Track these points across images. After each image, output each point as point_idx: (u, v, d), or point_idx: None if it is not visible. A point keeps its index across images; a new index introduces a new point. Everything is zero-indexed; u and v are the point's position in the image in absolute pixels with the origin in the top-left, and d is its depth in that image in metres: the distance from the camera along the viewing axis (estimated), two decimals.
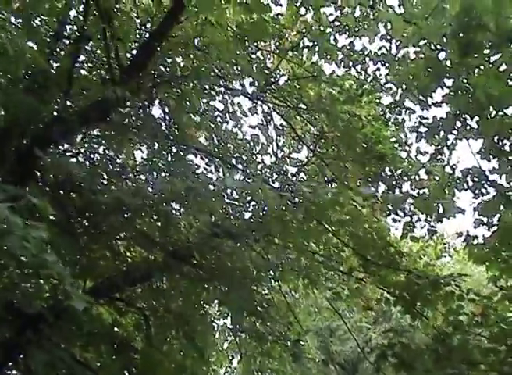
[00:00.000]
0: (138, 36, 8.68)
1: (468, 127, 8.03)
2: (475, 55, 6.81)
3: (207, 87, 8.66)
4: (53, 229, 7.21)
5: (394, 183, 8.67)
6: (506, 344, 7.24)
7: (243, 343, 10.55)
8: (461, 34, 6.37)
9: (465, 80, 7.45)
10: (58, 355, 6.26)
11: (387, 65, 8.69)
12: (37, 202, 3.77)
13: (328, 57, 9.23)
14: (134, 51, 8.44)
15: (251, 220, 7.94)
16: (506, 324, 7.88)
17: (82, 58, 8.63)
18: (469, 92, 7.63)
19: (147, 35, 8.33)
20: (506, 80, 7.21)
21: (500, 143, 7.91)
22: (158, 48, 8.06)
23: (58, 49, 8.25)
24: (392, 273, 8.03)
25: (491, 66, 7.27)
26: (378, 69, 8.83)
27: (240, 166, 8.76)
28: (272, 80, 9.40)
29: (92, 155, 7.75)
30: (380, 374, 7.20)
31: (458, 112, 7.84)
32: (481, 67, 7.44)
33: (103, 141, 7.93)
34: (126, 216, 6.70)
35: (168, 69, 8.58)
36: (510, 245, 8.42)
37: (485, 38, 6.32)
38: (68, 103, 7.75)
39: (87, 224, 7.17)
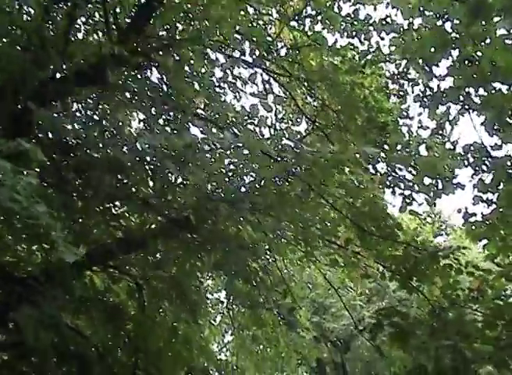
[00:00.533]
0: None
1: (472, 100, 7.93)
2: (483, 23, 6.67)
3: (206, 52, 8.47)
4: (47, 190, 7.12)
5: (395, 154, 8.51)
6: (503, 319, 7.15)
7: (236, 314, 10.46)
8: None
9: (471, 51, 7.32)
10: (48, 314, 6.12)
11: (391, 35, 8.49)
12: (29, 147, 3.62)
13: (332, 26, 9.06)
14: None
15: (248, 192, 7.82)
16: (502, 301, 7.81)
17: (79, 21, 8.45)
18: (474, 63, 7.50)
19: None
20: None
21: (505, 116, 7.80)
22: (157, 11, 7.88)
23: (55, 12, 8.08)
24: (390, 245, 7.91)
25: (498, 36, 7.15)
26: (382, 39, 8.65)
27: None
28: (273, 48, 9.22)
29: (87, 117, 7.55)
30: (375, 344, 7.06)
31: (463, 84, 7.72)
32: (488, 40, 7.32)
33: (99, 105, 7.74)
34: (120, 176, 6.53)
35: (167, 33, 8.38)
36: (508, 223, 8.34)
37: (496, 1, 6.15)
38: (64, 64, 7.56)
39: (81, 188, 7.00)
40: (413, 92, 8.79)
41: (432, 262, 7.54)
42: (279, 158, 7.76)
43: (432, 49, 7.50)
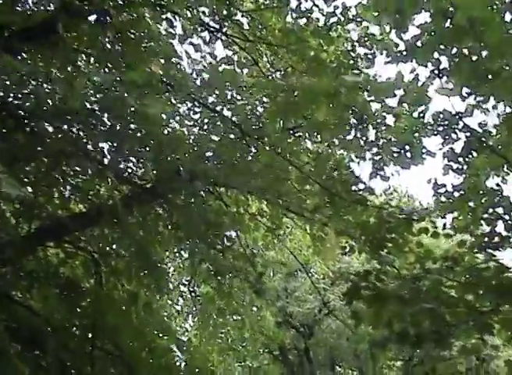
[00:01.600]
0: None
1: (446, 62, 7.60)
2: None
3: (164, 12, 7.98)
4: None
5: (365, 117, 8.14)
6: (481, 286, 6.84)
7: (200, 292, 10.01)
8: None
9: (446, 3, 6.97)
10: None
11: None
12: None
13: None
14: None
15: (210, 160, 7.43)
16: (476, 272, 7.53)
17: None
18: (448, 17, 7.17)
19: None
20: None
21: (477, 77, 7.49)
22: None
23: None
24: (362, 211, 7.51)
25: None
26: None
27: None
28: (234, 11, 8.77)
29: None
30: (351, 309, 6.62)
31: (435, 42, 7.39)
32: None
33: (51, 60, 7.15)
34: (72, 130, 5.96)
35: None
36: (478, 194, 8.08)
37: None
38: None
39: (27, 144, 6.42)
40: (381, 54, 8.43)
41: (407, 226, 7.17)
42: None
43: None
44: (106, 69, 7.31)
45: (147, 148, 6.15)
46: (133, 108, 5.16)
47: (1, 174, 3.22)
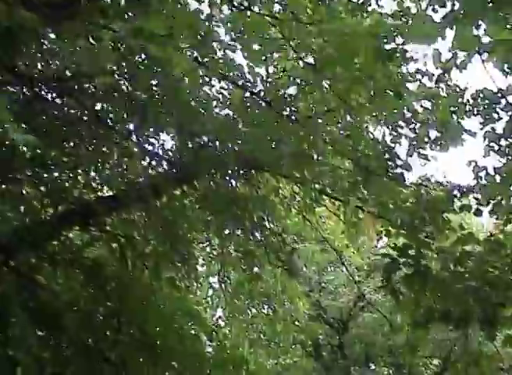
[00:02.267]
0: None
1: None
2: None
3: None
4: None
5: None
6: None
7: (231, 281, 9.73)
8: None
9: None
10: None
11: None
12: None
13: None
14: None
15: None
16: None
17: None
18: None
19: None
20: None
21: None
22: None
23: None
24: (399, 191, 7.14)
25: None
26: None
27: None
28: None
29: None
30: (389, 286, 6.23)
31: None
32: None
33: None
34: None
35: None
36: None
37: None
38: None
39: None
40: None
41: (448, 203, 6.78)
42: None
43: None
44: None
45: (172, 118, 5.86)
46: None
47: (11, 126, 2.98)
